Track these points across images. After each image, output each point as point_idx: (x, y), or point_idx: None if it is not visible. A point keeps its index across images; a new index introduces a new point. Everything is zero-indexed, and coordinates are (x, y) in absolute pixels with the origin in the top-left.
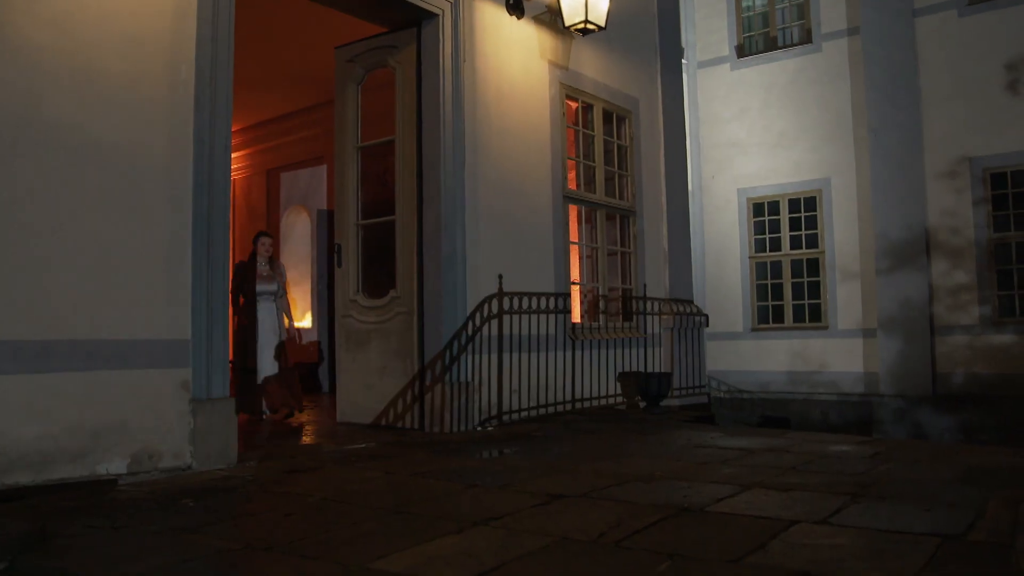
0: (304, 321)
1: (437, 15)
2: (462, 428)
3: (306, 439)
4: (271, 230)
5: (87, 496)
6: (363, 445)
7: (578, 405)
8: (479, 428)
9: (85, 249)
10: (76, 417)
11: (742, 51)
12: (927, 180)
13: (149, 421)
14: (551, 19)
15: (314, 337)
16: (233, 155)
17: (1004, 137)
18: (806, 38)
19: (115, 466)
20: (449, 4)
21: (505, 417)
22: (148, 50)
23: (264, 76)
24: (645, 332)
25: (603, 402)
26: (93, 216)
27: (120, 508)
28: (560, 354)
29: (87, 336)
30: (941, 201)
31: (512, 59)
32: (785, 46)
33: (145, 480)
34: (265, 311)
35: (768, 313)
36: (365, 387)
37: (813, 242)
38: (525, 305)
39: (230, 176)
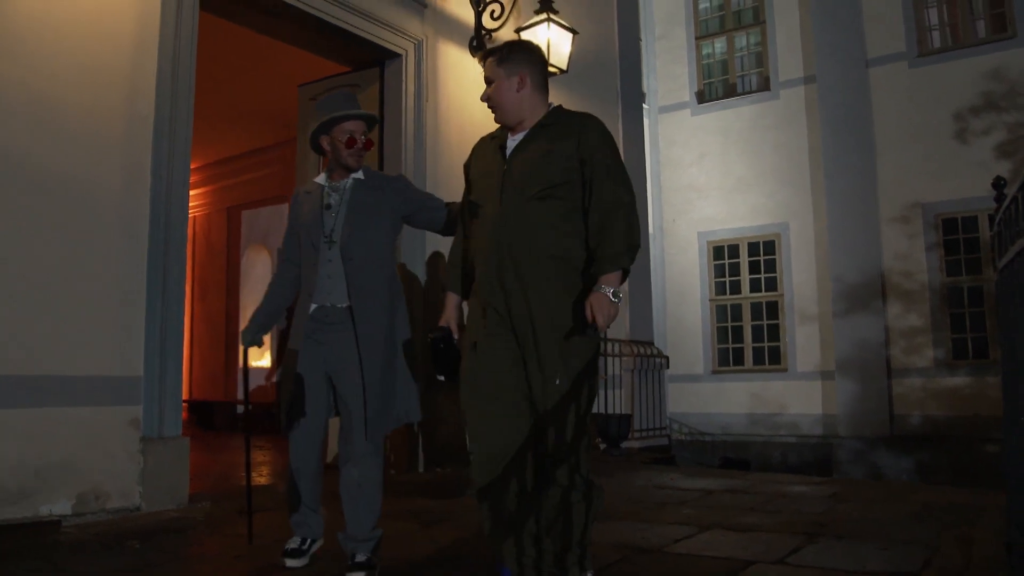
0: (263, 360)
1: (401, 55)
2: (421, 469)
3: (261, 479)
4: (231, 269)
5: (28, 538)
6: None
7: None
8: (439, 470)
9: (33, 282)
10: (18, 456)
11: (702, 97)
12: (881, 224)
13: (97, 460)
14: None
15: (277, 377)
16: (193, 192)
17: (953, 183)
18: (764, 85)
19: (59, 507)
20: (413, 45)
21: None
22: (106, 83)
23: (225, 112)
24: (605, 373)
25: None
26: (43, 249)
27: (63, 550)
28: None
29: (33, 371)
30: (895, 245)
31: (475, 99)
32: (744, 93)
33: (91, 521)
34: None
35: (728, 355)
36: None
37: (772, 285)
38: None
39: (187, 212)
